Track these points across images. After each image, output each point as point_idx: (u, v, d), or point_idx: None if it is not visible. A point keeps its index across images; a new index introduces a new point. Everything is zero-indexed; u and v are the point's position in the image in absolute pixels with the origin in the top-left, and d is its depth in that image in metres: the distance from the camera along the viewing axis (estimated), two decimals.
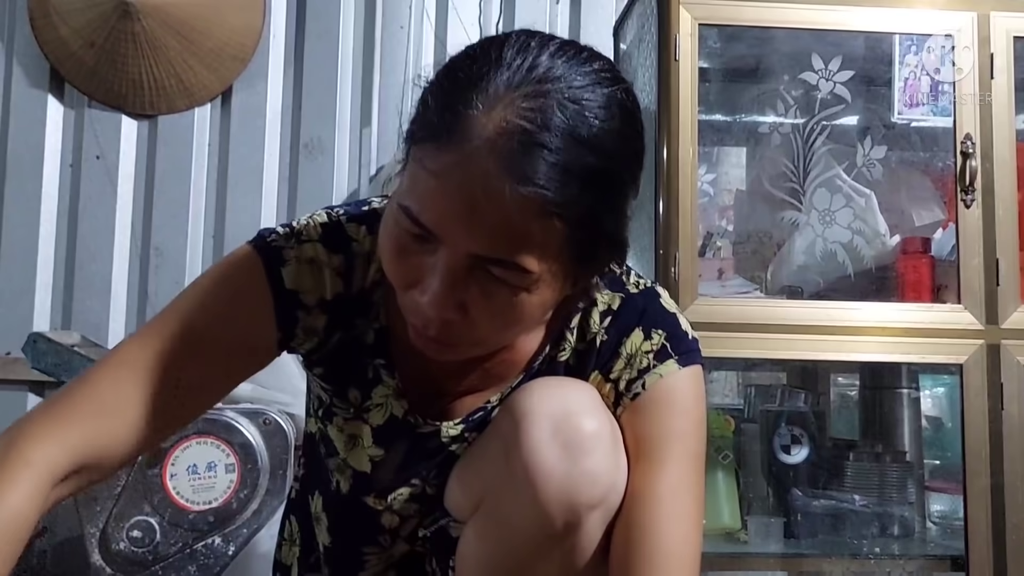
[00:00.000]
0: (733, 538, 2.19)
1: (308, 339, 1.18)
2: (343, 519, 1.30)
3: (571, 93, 0.95)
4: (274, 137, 2.91)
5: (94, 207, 2.82)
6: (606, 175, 0.97)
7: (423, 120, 0.98)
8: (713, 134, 2.55)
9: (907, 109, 2.25)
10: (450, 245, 0.96)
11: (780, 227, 2.36)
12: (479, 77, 0.95)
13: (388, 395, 1.21)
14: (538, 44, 0.98)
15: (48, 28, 2.75)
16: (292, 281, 1.14)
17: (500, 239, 0.94)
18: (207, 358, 1.13)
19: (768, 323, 2.12)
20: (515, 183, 0.91)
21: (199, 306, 1.14)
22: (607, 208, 0.99)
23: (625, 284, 1.23)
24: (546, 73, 0.95)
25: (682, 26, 2.14)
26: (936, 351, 2.13)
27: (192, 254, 2.84)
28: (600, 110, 0.96)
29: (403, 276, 1.02)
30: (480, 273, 0.97)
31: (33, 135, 2.82)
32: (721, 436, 2.26)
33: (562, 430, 1.09)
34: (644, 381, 1.17)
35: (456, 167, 0.93)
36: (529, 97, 0.94)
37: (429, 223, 0.96)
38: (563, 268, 1.00)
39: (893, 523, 2.23)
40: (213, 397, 1.19)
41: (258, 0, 2.84)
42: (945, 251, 2.25)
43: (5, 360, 2.72)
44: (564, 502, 1.08)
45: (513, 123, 0.92)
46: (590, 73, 0.98)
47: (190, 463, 2.01)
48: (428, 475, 1.24)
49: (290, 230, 1.17)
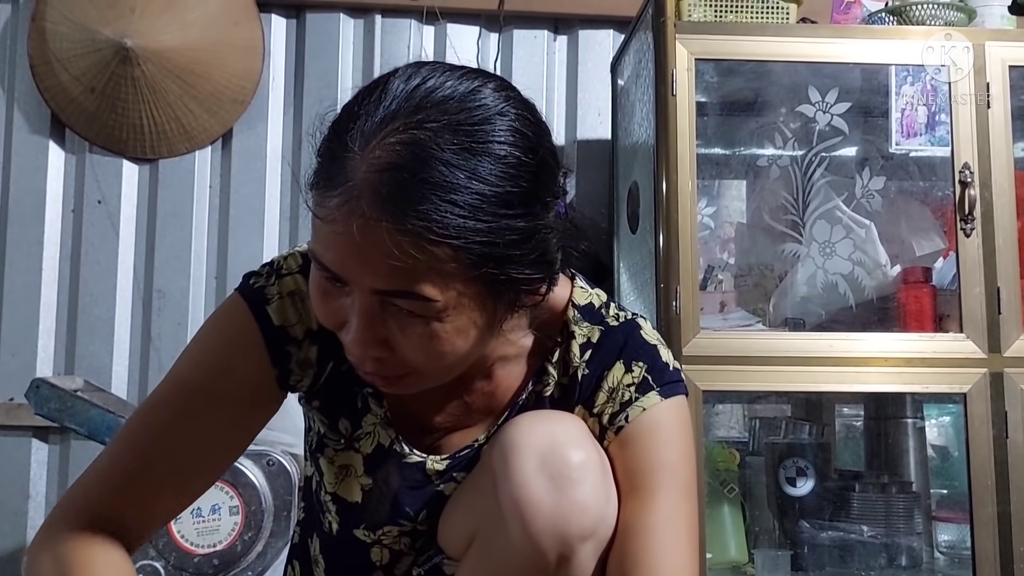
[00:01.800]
0: (740, 572, 2.18)
1: (305, 373, 1.19)
2: (338, 559, 1.30)
3: (446, 119, 0.95)
4: (275, 178, 2.91)
5: (96, 251, 2.82)
6: (492, 196, 0.95)
7: (316, 167, 1.00)
8: (712, 168, 2.56)
9: (905, 140, 2.26)
10: (355, 285, 0.98)
11: (781, 259, 2.37)
12: (356, 117, 0.96)
13: (376, 424, 1.22)
14: (424, 74, 0.99)
15: (48, 74, 2.77)
16: (278, 317, 1.16)
17: (391, 273, 0.94)
18: (216, 414, 1.15)
19: (771, 355, 2.12)
20: (390, 220, 0.92)
21: (196, 364, 1.17)
22: (502, 228, 0.96)
23: (605, 317, 1.23)
24: (421, 103, 0.96)
25: (679, 61, 2.16)
26: (939, 380, 2.13)
27: (195, 296, 2.84)
28: (480, 132, 0.96)
29: (330, 319, 1.04)
30: (391, 308, 0.98)
31: (35, 181, 2.82)
32: (726, 469, 2.25)
33: (549, 462, 1.09)
34: (627, 414, 1.17)
35: (339, 210, 0.94)
36: (400, 131, 0.94)
37: (331, 265, 0.98)
38: (473, 292, 0.99)
39: (901, 554, 2.22)
40: (232, 451, 1.21)
41: (257, 43, 2.86)
42: (946, 280, 2.25)
43: (9, 406, 2.71)
44: (555, 534, 1.07)
45: (382, 160, 0.93)
46: (473, 95, 0.98)
47: (194, 506, 2.00)
48: (417, 515, 1.24)
49: (270, 267, 1.19)
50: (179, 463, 1.14)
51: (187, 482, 1.17)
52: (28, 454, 2.73)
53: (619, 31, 2.97)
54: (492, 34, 2.98)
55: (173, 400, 1.15)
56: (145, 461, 1.13)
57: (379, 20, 2.98)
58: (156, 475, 1.13)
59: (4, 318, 2.77)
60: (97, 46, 2.71)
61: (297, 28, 2.97)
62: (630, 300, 2.39)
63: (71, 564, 1.06)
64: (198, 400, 1.14)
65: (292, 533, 1.46)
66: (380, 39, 2.98)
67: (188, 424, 1.13)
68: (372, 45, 2.98)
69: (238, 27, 2.82)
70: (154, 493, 1.14)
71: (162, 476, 1.13)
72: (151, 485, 1.13)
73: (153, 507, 1.15)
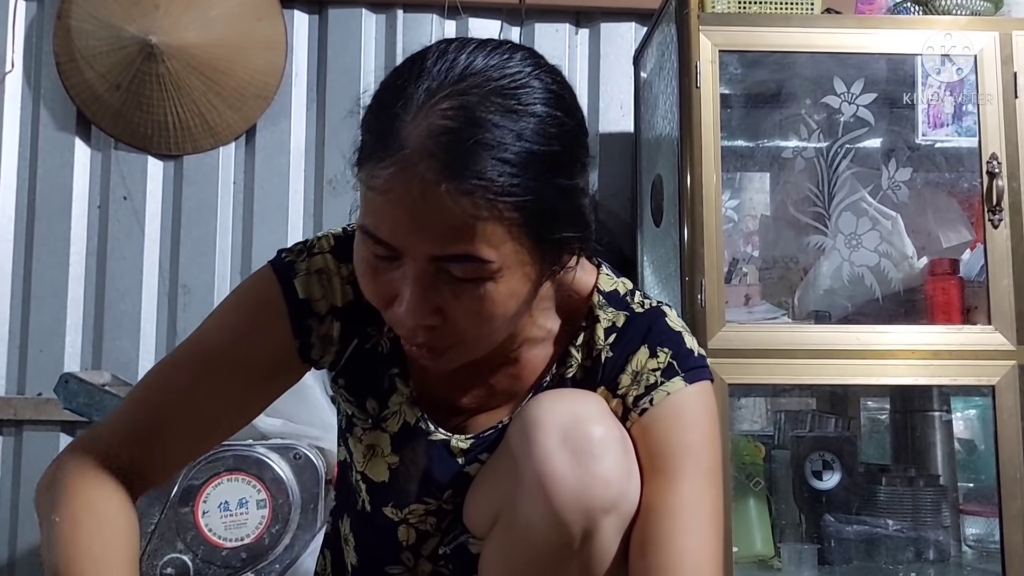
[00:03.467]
0: (766, 565, 2.18)
1: (327, 350, 1.23)
2: (367, 536, 1.33)
3: (490, 85, 0.99)
4: (298, 174, 2.92)
5: (122, 247, 2.84)
6: (539, 155, 0.99)
7: (362, 143, 1.03)
8: (736, 160, 2.55)
9: (931, 130, 2.24)
10: (410, 254, 1.00)
11: (806, 252, 2.36)
12: (402, 90, 1.00)
13: (402, 402, 1.25)
14: (456, 48, 1.03)
15: (74, 71, 2.78)
16: (303, 291, 1.20)
17: (451, 237, 0.97)
18: (234, 378, 1.19)
19: (796, 348, 2.11)
20: (450, 181, 0.95)
21: (220, 327, 1.22)
22: (549, 186, 1.01)
23: (630, 304, 1.25)
24: (464, 72, 1.00)
25: (703, 53, 2.15)
26: (967, 373, 2.11)
27: (220, 291, 2.85)
28: (522, 95, 1.00)
29: (380, 295, 1.06)
30: (445, 275, 1.01)
31: (61, 178, 2.84)
32: (752, 463, 2.25)
33: (571, 437, 1.10)
34: (652, 397, 1.19)
35: (395, 179, 0.97)
36: (449, 97, 0.97)
37: (386, 237, 1.00)
38: (524, 251, 1.02)
39: (928, 548, 2.21)
40: (247, 413, 1.25)
41: (280, 39, 2.87)
42: (974, 272, 2.23)
43: (37, 401, 2.73)
44: (579, 508, 1.09)
45: (437, 124, 0.96)
46: (507, 63, 1.02)
47: (222, 500, 2.02)
48: (442, 493, 1.26)
49: (303, 245, 1.24)
50: (193, 421, 1.19)
51: (200, 438, 1.22)
52: (57, 449, 2.74)
53: (641, 24, 2.97)
54: (514, 28, 2.98)
55: (194, 360, 1.20)
56: (160, 415, 1.18)
57: (401, 15, 2.98)
58: (170, 429, 1.18)
59: (32, 314, 2.79)
60: (122, 43, 2.73)
61: (319, 23, 2.98)
62: (654, 294, 2.37)
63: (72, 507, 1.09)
64: (218, 363, 1.19)
65: (324, 523, 1.48)
66: (402, 34, 2.98)
67: (206, 385, 1.18)
68: (394, 40, 2.98)
69: (261, 23, 2.83)
70: (166, 444, 1.18)
71: (176, 430, 1.18)
72: (164, 437, 1.18)
73: (164, 456, 1.19)
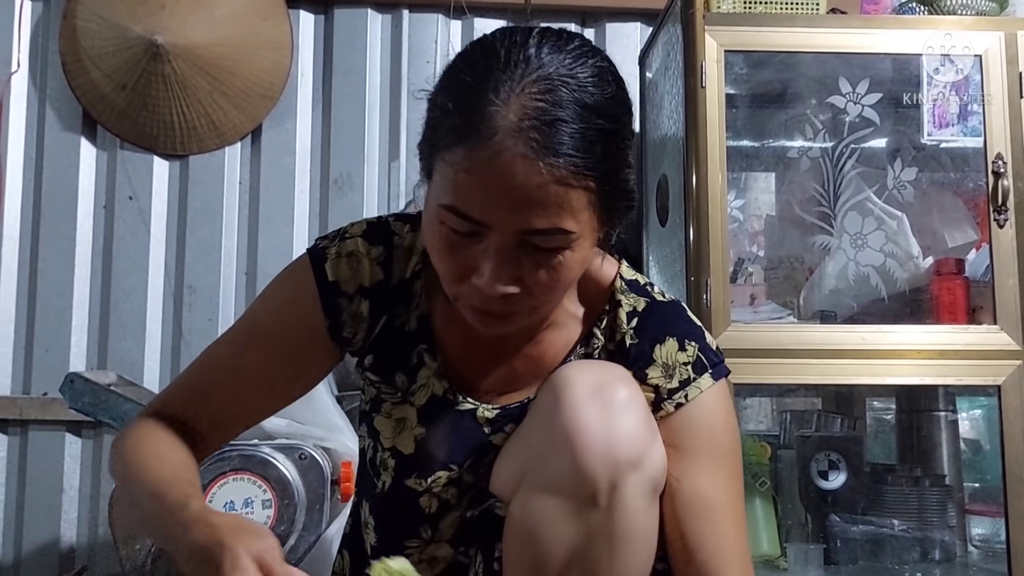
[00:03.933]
0: (772, 565, 2.17)
1: (358, 327, 1.30)
2: (386, 512, 1.35)
3: (567, 71, 1.07)
4: (304, 174, 2.93)
5: (127, 247, 2.84)
6: (613, 133, 1.09)
7: (444, 128, 1.09)
8: (741, 160, 2.54)
9: (936, 130, 2.24)
10: (499, 229, 1.07)
11: (811, 252, 2.36)
12: (486, 76, 1.07)
13: (430, 376, 1.30)
14: (522, 37, 1.10)
15: (80, 71, 2.79)
16: (332, 273, 1.28)
17: (545, 211, 1.05)
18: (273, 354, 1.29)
19: (802, 348, 2.11)
20: (547, 157, 1.03)
21: (263, 308, 1.34)
22: (620, 160, 1.12)
23: (651, 292, 1.32)
24: (541, 59, 1.07)
25: (708, 53, 2.15)
26: (973, 373, 2.11)
27: (225, 291, 2.85)
28: (594, 79, 1.09)
29: (457, 269, 1.13)
30: (528, 247, 1.08)
31: (67, 177, 2.85)
32: (758, 463, 2.25)
33: (600, 393, 1.16)
34: (687, 393, 1.25)
35: (491, 159, 1.04)
36: (536, 82, 1.06)
37: (476, 215, 1.07)
38: (595, 221, 1.12)
39: (934, 548, 2.21)
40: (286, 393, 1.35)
41: (285, 39, 2.87)
42: (979, 272, 2.23)
43: (43, 401, 2.74)
44: (606, 458, 1.13)
45: (530, 107, 1.04)
46: (574, 51, 1.10)
47: (227, 500, 2.02)
48: (465, 461, 1.29)
49: (337, 232, 1.33)
50: (236, 386, 1.30)
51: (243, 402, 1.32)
52: (62, 449, 2.75)
53: (647, 24, 2.97)
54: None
55: (239, 333, 1.33)
56: (206, 377, 1.31)
57: (406, 15, 2.99)
58: (215, 390, 1.30)
59: (38, 314, 2.80)
60: (128, 43, 2.73)
61: (325, 23, 2.99)
62: None
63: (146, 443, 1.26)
64: (260, 337, 1.30)
65: (329, 523, 1.49)
66: (408, 34, 2.99)
67: (248, 354, 1.30)
68: (400, 40, 2.99)
69: (267, 23, 2.84)
70: (211, 403, 1.30)
71: (220, 391, 1.30)
72: (210, 397, 1.30)
73: (211, 414, 1.31)
